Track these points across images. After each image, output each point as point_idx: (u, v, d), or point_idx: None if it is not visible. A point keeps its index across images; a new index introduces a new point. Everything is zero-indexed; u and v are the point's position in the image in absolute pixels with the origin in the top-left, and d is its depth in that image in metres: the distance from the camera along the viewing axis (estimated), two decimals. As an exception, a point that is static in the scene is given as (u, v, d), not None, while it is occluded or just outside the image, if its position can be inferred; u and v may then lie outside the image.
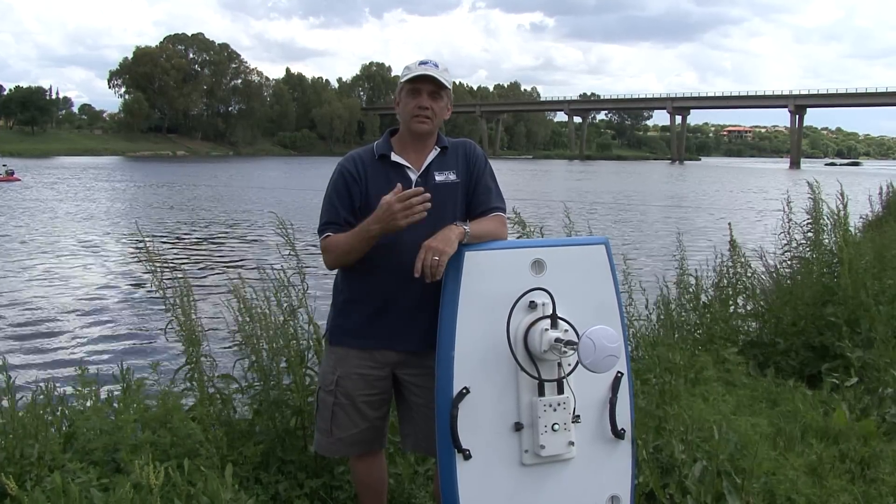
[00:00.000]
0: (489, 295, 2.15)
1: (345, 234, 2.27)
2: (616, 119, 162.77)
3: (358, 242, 2.22)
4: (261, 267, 3.31)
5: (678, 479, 2.87)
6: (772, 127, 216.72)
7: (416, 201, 2.10)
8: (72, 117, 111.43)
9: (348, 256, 2.28)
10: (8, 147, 75.65)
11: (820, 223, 5.12)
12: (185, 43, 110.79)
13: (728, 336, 4.66)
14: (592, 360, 1.97)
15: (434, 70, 2.27)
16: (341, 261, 2.32)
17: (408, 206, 2.10)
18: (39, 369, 7.02)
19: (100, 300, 10.63)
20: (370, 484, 2.52)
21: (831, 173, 28.89)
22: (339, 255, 2.29)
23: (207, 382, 2.92)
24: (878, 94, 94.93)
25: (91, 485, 2.28)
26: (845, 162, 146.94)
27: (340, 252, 2.28)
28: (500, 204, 2.39)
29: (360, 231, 2.21)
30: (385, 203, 2.12)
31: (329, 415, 2.40)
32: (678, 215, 24.55)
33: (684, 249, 4.91)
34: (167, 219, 22.03)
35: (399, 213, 2.10)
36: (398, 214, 2.11)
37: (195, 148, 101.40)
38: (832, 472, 3.06)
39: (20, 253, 15.06)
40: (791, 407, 3.71)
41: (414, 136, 2.33)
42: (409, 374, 2.38)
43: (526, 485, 2.18)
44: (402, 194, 2.11)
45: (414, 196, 2.10)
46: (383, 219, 2.13)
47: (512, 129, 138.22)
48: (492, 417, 2.15)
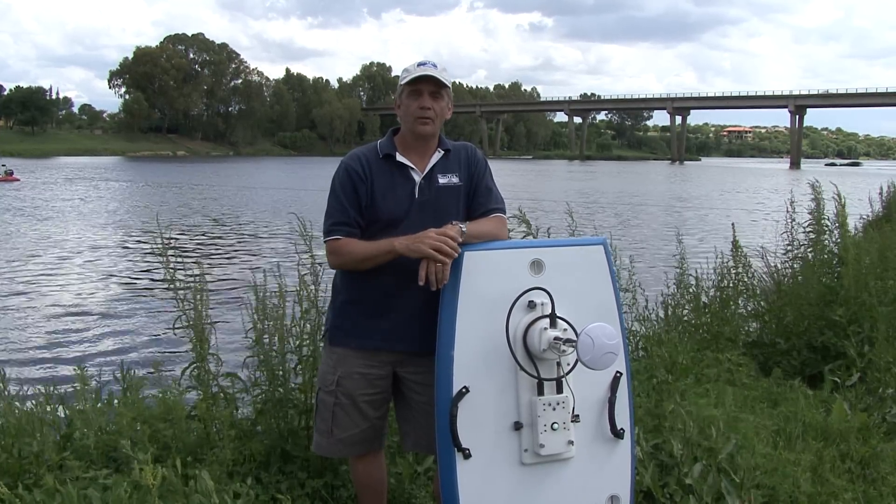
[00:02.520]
0: (488, 295, 2.15)
1: (364, 242, 2.27)
2: (616, 119, 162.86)
3: (377, 254, 2.23)
4: (270, 266, 3.30)
5: (678, 479, 2.87)
6: (772, 127, 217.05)
7: (451, 244, 2.12)
8: (72, 117, 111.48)
9: (362, 264, 2.28)
10: (8, 147, 75.71)
11: (821, 223, 5.12)
12: (186, 43, 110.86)
13: (729, 336, 4.66)
14: (591, 357, 1.97)
15: (433, 70, 2.28)
16: (351, 266, 2.32)
17: (443, 241, 2.11)
18: (39, 369, 7.03)
19: (100, 299, 10.63)
20: (370, 484, 2.52)
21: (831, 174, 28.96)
22: (352, 260, 2.29)
23: (212, 381, 2.92)
24: (878, 94, 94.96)
25: (90, 485, 2.28)
26: (845, 162, 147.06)
27: (355, 258, 2.28)
28: (499, 205, 2.39)
29: (382, 244, 2.22)
30: (431, 237, 2.13)
31: (329, 415, 2.40)
32: (678, 215, 24.57)
33: (684, 249, 4.92)
34: (167, 218, 22.04)
35: (431, 240, 2.12)
36: (429, 241, 2.12)
37: (195, 148, 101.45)
38: (833, 472, 3.06)
39: (20, 253, 15.06)
40: (792, 407, 3.71)
41: (416, 138, 2.33)
42: (410, 372, 2.38)
43: (526, 484, 2.18)
44: (449, 233, 2.13)
45: (454, 242, 2.13)
46: (414, 238, 2.15)
47: (512, 129, 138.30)
48: (491, 417, 2.15)
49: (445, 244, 2.12)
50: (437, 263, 2.11)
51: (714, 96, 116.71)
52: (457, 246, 2.14)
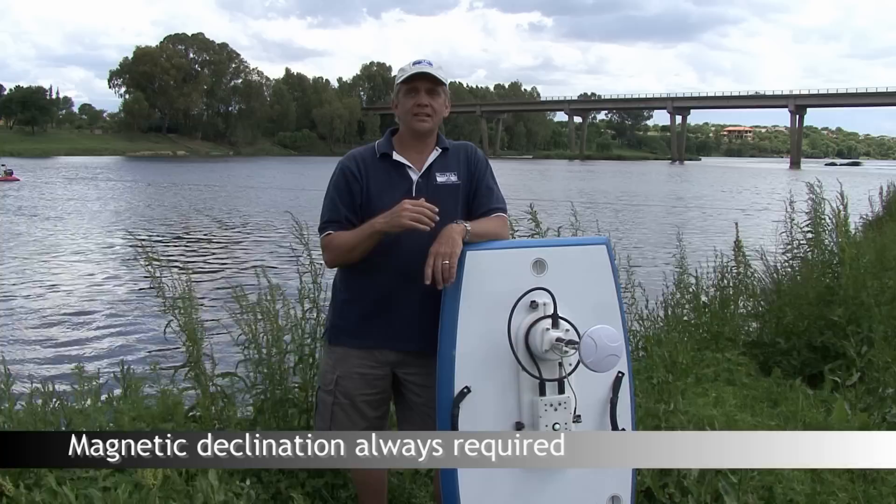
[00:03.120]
0: (490, 295, 2.15)
1: (348, 232, 2.28)
2: (616, 119, 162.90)
3: (361, 240, 2.23)
4: (269, 266, 3.31)
5: (677, 479, 2.87)
6: (772, 127, 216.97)
7: (428, 215, 2.13)
8: (72, 117, 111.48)
9: (350, 254, 2.28)
10: (8, 147, 75.68)
11: (821, 223, 5.12)
12: (186, 43, 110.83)
13: (729, 336, 4.66)
14: (594, 360, 1.97)
15: (429, 68, 2.28)
16: (342, 258, 2.32)
17: (419, 210, 2.13)
18: (38, 368, 7.03)
19: (100, 300, 10.62)
20: (370, 483, 2.52)
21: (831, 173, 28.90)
22: (341, 252, 2.29)
23: (209, 381, 2.92)
24: (878, 94, 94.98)
25: (90, 485, 2.28)
26: (845, 162, 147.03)
27: (343, 249, 2.28)
28: (501, 205, 2.39)
29: (364, 228, 2.23)
30: (402, 207, 2.15)
31: (329, 415, 2.40)
32: (678, 215, 24.56)
33: (684, 249, 4.92)
34: (169, 218, 22.05)
35: (407, 212, 2.12)
36: (406, 213, 2.13)
37: (195, 148, 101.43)
38: (832, 471, 3.05)
39: (19, 253, 15.06)
40: (792, 406, 3.71)
41: (414, 136, 2.33)
42: (409, 374, 2.38)
43: (527, 484, 2.17)
44: (421, 205, 2.15)
45: (428, 209, 2.14)
46: (395, 219, 2.15)
47: (512, 129, 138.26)
48: (493, 417, 2.15)
49: (423, 214, 2.13)
50: (443, 261, 2.11)
51: (714, 96, 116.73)
52: (434, 215, 2.15)
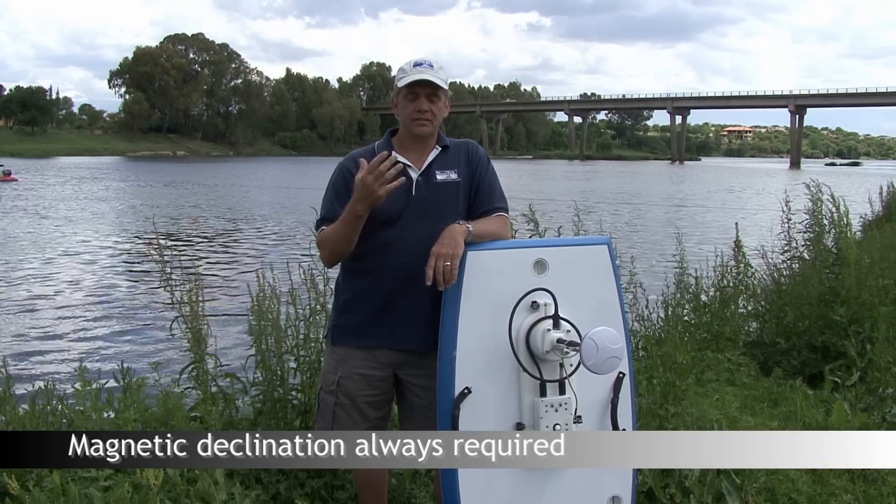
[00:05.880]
0: (491, 295, 2.15)
1: (336, 223, 2.25)
2: (616, 119, 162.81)
3: (346, 226, 2.21)
4: (269, 266, 3.31)
5: (678, 479, 2.87)
6: (772, 127, 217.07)
7: (384, 168, 2.10)
8: (72, 117, 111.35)
9: (340, 244, 2.26)
10: (8, 147, 75.70)
11: (821, 224, 5.12)
12: (186, 43, 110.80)
13: (729, 336, 4.66)
14: (595, 362, 1.96)
15: (430, 72, 2.26)
16: (336, 251, 2.29)
17: (379, 174, 2.10)
18: (39, 369, 7.02)
19: (100, 300, 10.62)
20: (371, 483, 2.52)
21: (831, 173, 28.95)
22: (333, 244, 2.27)
23: (211, 382, 2.92)
24: (878, 94, 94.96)
25: (91, 485, 2.28)
26: (845, 162, 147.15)
27: (334, 241, 2.26)
28: (502, 204, 2.38)
29: (345, 214, 2.20)
30: (359, 181, 2.12)
31: (330, 415, 2.40)
32: (679, 215, 24.55)
33: (684, 249, 4.91)
34: (169, 218, 22.02)
35: (374, 184, 2.11)
36: (374, 186, 2.11)
37: (195, 148, 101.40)
38: (832, 472, 3.05)
39: (19, 253, 15.05)
40: (792, 406, 3.71)
41: (414, 138, 2.33)
42: (411, 375, 2.37)
43: (527, 484, 2.17)
44: (370, 166, 2.11)
45: (381, 163, 2.10)
46: (362, 195, 2.13)
47: (512, 129, 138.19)
48: (493, 418, 2.14)
49: (381, 173, 2.09)
50: (445, 262, 2.10)
51: (714, 96, 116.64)
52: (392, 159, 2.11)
